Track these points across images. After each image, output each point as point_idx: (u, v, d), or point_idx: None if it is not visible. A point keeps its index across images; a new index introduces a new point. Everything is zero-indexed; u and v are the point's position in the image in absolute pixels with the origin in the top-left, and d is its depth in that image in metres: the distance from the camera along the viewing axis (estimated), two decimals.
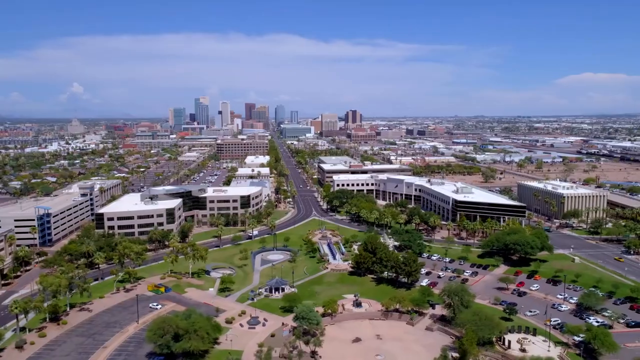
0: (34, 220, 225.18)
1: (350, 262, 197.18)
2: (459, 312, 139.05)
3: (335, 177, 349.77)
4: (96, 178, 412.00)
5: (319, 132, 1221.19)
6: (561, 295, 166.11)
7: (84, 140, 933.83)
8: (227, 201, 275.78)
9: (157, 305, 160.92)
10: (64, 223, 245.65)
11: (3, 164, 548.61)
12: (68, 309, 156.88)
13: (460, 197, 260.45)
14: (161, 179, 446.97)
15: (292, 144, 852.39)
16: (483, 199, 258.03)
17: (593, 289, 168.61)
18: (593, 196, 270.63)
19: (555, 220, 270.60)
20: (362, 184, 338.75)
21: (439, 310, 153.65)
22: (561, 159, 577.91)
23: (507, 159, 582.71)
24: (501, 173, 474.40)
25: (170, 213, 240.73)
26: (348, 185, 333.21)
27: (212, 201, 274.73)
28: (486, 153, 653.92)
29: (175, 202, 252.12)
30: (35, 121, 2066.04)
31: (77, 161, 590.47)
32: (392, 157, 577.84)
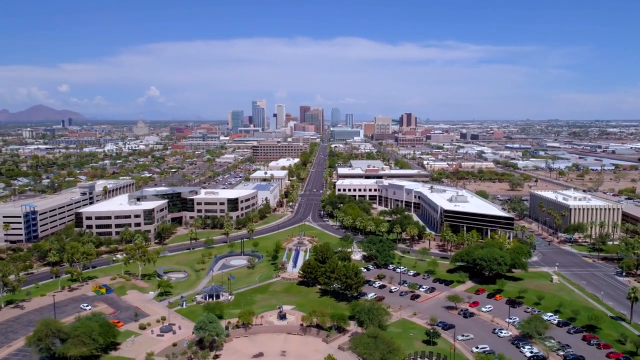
0: (20, 217, 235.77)
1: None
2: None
3: (338, 182, 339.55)
4: (123, 178, 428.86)
5: (370, 135, 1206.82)
6: (510, 319, 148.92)
7: (140, 142, 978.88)
8: (215, 204, 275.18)
9: (87, 306, 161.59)
10: (54, 220, 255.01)
11: (52, 163, 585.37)
12: (2, 306, 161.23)
13: (448, 206, 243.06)
14: (185, 180, 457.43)
15: (336, 147, 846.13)
16: (471, 209, 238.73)
17: (552, 314, 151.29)
18: (605, 209, 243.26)
19: (560, 235, 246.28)
20: (365, 190, 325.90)
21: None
22: (613, 167, 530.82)
23: (552, 165, 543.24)
24: (535, 181, 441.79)
25: (148, 214, 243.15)
26: (350, 190, 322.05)
27: (199, 203, 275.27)
28: (532, 159, 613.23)
29: (156, 203, 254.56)
30: (112, 123, 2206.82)
31: (119, 161, 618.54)
32: (425, 163, 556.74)
